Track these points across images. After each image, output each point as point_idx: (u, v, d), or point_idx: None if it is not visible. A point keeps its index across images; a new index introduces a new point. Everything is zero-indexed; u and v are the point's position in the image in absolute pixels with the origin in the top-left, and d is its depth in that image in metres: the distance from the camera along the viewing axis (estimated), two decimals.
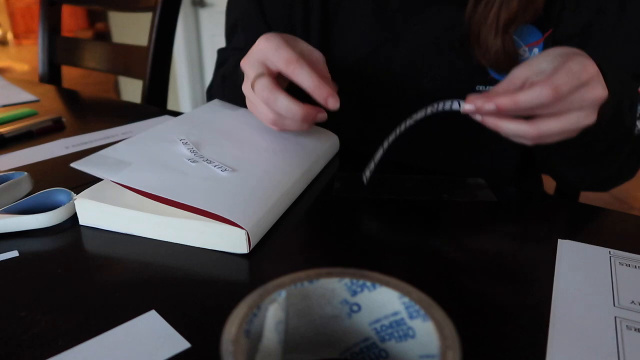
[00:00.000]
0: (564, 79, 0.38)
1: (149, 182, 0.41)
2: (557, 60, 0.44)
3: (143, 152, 0.46)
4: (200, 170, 0.44)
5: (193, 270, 0.37)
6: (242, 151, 0.49)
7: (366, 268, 0.25)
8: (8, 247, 0.39)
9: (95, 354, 0.28)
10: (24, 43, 6.26)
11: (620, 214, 0.47)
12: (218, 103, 0.63)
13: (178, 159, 0.46)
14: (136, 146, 0.47)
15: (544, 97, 0.38)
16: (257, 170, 0.46)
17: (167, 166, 0.44)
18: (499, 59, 0.56)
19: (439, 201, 0.47)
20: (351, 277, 0.24)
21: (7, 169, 0.54)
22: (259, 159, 0.48)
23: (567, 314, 0.32)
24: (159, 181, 0.41)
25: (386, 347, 0.25)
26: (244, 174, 0.44)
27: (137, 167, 0.43)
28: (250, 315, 0.21)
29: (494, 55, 0.55)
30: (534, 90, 0.38)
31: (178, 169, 0.44)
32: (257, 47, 0.49)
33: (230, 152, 0.48)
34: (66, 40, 1.14)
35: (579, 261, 0.38)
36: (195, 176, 0.43)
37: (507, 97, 0.39)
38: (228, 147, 0.50)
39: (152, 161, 0.45)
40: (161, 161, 0.45)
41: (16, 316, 0.31)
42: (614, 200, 2.07)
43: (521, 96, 0.39)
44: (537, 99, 0.38)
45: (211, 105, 0.62)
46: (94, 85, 3.92)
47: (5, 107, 0.80)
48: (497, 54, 0.55)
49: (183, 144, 0.49)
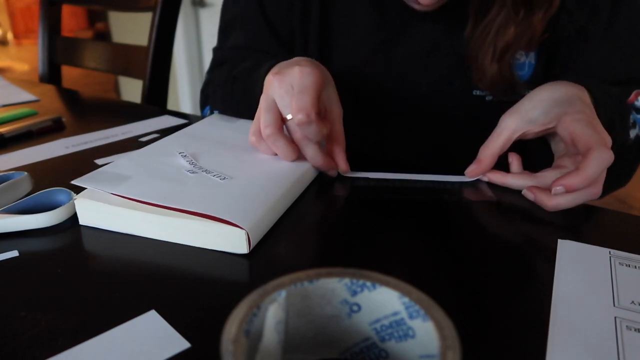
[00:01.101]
0: (595, 169, 0.42)
1: (149, 193, 0.41)
2: (553, 112, 0.46)
3: (142, 166, 0.47)
4: (199, 180, 0.44)
5: (193, 270, 0.37)
6: (240, 160, 0.49)
7: (366, 268, 0.25)
8: (8, 247, 0.39)
9: (95, 354, 0.28)
10: (24, 43, 6.26)
11: (620, 214, 0.47)
12: (217, 117, 0.64)
13: (177, 171, 0.46)
14: (135, 161, 0.48)
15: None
16: (255, 175, 0.46)
17: (167, 178, 0.44)
18: (495, 83, 0.56)
19: (439, 201, 0.47)
20: (351, 277, 0.24)
21: (7, 169, 0.54)
22: (258, 166, 0.48)
23: (567, 314, 0.32)
24: (159, 192, 0.41)
25: (386, 347, 0.25)
26: (243, 180, 0.45)
27: (137, 180, 0.44)
28: (250, 315, 0.21)
29: (489, 79, 0.56)
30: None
31: (178, 179, 0.44)
32: (286, 78, 0.46)
33: (229, 162, 0.48)
34: (66, 40, 1.14)
35: (579, 261, 0.38)
36: (194, 185, 0.43)
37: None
38: (227, 157, 0.50)
39: (152, 174, 0.45)
40: (161, 173, 0.45)
41: (16, 316, 0.31)
42: (614, 200, 2.07)
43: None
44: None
45: (209, 120, 0.62)
46: (94, 85, 3.92)
47: (5, 107, 0.80)
48: (493, 79, 0.56)
49: (182, 156, 0.49)
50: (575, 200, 0.44)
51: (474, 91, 0.60)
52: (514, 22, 0.52)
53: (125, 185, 0.42)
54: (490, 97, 0.60)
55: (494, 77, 0.55)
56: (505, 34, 0.53)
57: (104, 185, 0.42)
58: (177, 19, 1.01)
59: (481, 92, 0.60)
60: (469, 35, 0.56)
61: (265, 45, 0.67)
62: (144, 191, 0.42)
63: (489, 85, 0.57)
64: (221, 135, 0.56)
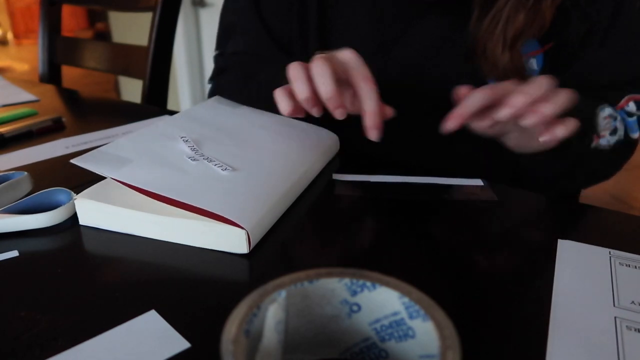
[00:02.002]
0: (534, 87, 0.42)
1: (149, 180, 0.41)
2: None
3: (144, 149, 0.46)
4: (200, 168, 0.44)
5: (193, 270, 0.37)
6: (242, 150, 0.49)
7: (366, 268, 0.25)
8: (8, 247, 0.39)
9: (95, 354, 0.28)
10: (24, 43, 6.26)
11: (620, 214, 0.47)
12: (219, 100, 0.63)
13: (179, 157, 0.46)
14: (137, 143, 0.47)
15: None
16: (257, 170, 0.46)
17: (168, 164, 0.44)
18: (507, 73, 0.56)
19: (439, 201, 0.47)
20: (351, 277, 0.24)
21: (7, 168, 0.53)
22: (260, 158, 0.48)
23: (567, 314, 0.32)
24: (160, 179, 0.41)
25: (386, 347, 0.25)
26: (244, 173, 0.44)
27: (138, 164, 0.43)
28: (250, 315, 0.22)
29: (502, 70, 0.56)
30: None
31: (179, 167, 0.44)
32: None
33: (231, 150, 0.48)
34: (66, 40, 1.14)
35: (579, 261, 0.38)
36: (195, 175, 0.43)
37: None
38: (229, 145, 0.50)
39: (153, 159, 0.45)
40: (162, 159, 0.45)
41: (16, 316, 0.31)
42: (614, 200, 2.07)
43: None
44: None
45: (212, 102, 0.62)
46: (94, 85, 3.91)
47: (5, 107, 0.80)
48: (505, 69, 0.55)
49: (184, 141, 0.49)
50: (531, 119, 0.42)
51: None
52: (524, 9, 0.52)
53: (125, 170, 0.42)
54: None
55: (506, 67, 0.55)
56: (515, 21, 0.53)
57: (104, 168, 0.42)
58: (177, 19, 1.01)
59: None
60: (474, 27, 0.55)
61: (264, 49, 0.67)
62: (144, 178, 0.41)
63: (501, 76, 0.57)
64: (223, 121, 0.56)
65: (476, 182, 0.51)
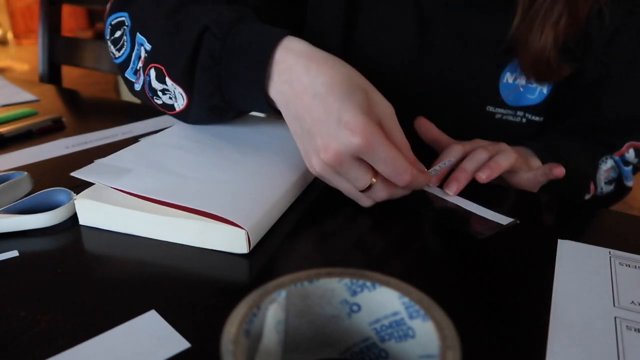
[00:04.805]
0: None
1: (149, 187, 0.41)
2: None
3: (143, 158, 0.47)
4: (200, 174, 0.44)
5: (193, 270, 0.37)
6: (242, 154, 0.49)
7: (366, 268, 0.25)
8: (8, 247, 0.39)
9: (95, 354, 0.28)
10: (24, 43, 6.25)
11: (620, 214, 0.47)
12: None
13: (178, 164, 0.46)
14: (137, 153, 0.48)
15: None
16: (257, 172, 0.46)
17: (168, 171, 0.44)
18: (540, 63, 0.56)
19: (438, 201, 0.47)
20: (351, 277, 0.24)
21: (7, 168, 0.53)
22: (259, 161, 0.48)
23: (567, 314, 0.32)
24: (160, 186, 0.41)
25: (386, 347, 0.25)
26: (244, 176, 0.44)
27: (138, 173, 0.44)
28: (250, 315, 0.21)
29: (535, 60, 0.55)
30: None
31: (178, 173, 0.44)
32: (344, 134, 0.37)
33: (230, 155, 0.48)
34: (66, 40, 1.14)
35: (579, 261, 0.38)
36: (195, 180, 0.43)
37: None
38: (228, 150, 0.50)
39: (153, 167, 0.45)
40: (161, 167, 0.45)
41: (16, 316, 0.31)
42: None
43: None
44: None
45: None
46: (94, 85, 3.91)
47: (5, 106, 0.80)
48: (539, 60, 0.55)
49: (183, 149, 0.49)
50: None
51: (487, 107, 0.62)
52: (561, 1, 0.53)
53: (125, 179, 0.42)
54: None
55: (542, 58, 0.55)
56: (554, 10, 0.53)
57: (104, 179, 0.42)
58: None
59: (493, 109, 0.61)
60: (518, 21, 0.55)
61: None
62: (144, 185, 0.41)
63: (537, 69, 0.57)
64: (222, 127, 0.56)
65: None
